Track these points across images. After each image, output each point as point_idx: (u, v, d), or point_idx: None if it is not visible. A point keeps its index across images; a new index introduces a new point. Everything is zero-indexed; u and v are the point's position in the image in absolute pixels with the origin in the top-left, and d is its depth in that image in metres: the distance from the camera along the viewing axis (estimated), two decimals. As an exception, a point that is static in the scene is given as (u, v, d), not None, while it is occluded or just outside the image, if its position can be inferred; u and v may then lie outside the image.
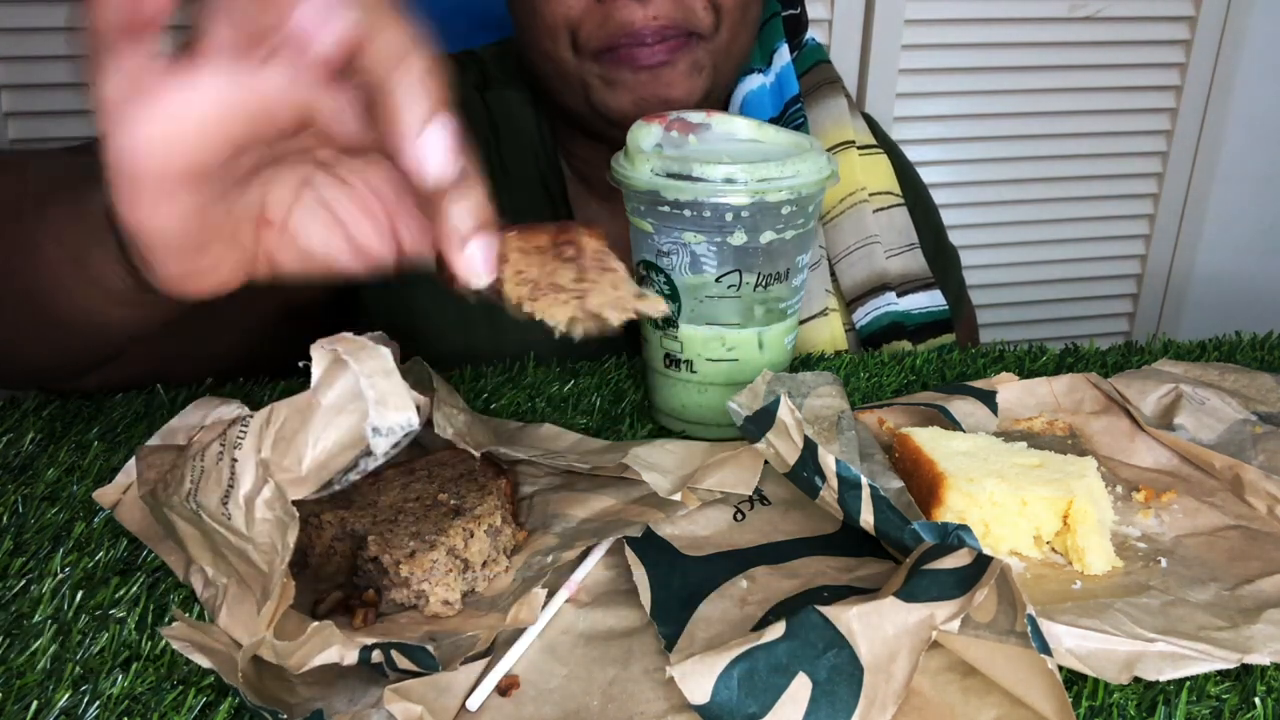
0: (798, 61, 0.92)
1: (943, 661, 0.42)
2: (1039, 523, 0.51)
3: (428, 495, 0.52)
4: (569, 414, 0.66)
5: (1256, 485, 0.55)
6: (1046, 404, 0.65)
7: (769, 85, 0.88)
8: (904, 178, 0.93)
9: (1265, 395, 0.64)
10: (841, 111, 0.91)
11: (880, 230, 0.88)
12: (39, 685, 0.43)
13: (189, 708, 0.42)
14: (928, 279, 0.89)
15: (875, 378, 0.72)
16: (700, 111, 0.65)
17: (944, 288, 0.90)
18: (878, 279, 0.86)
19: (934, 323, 0.87)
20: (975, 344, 1.00)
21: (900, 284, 0.87)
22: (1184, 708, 0.41)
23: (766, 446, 0.52)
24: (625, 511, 0.53)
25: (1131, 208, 1.64)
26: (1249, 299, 1.73)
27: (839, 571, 0.49)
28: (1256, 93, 1.60)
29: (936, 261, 0.92)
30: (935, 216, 0.99)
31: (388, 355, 0.43)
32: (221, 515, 0.43)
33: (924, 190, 0.99)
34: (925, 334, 0.87)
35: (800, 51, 0.93)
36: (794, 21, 0.92)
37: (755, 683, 0.38)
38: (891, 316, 0.85)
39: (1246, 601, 0.47)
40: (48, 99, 1.23)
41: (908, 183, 0.93)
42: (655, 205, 0.58)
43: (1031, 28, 1.49)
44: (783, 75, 0.88)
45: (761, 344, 0.62)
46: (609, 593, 0.48)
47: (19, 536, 0.53)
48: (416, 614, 0.47)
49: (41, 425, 0.64)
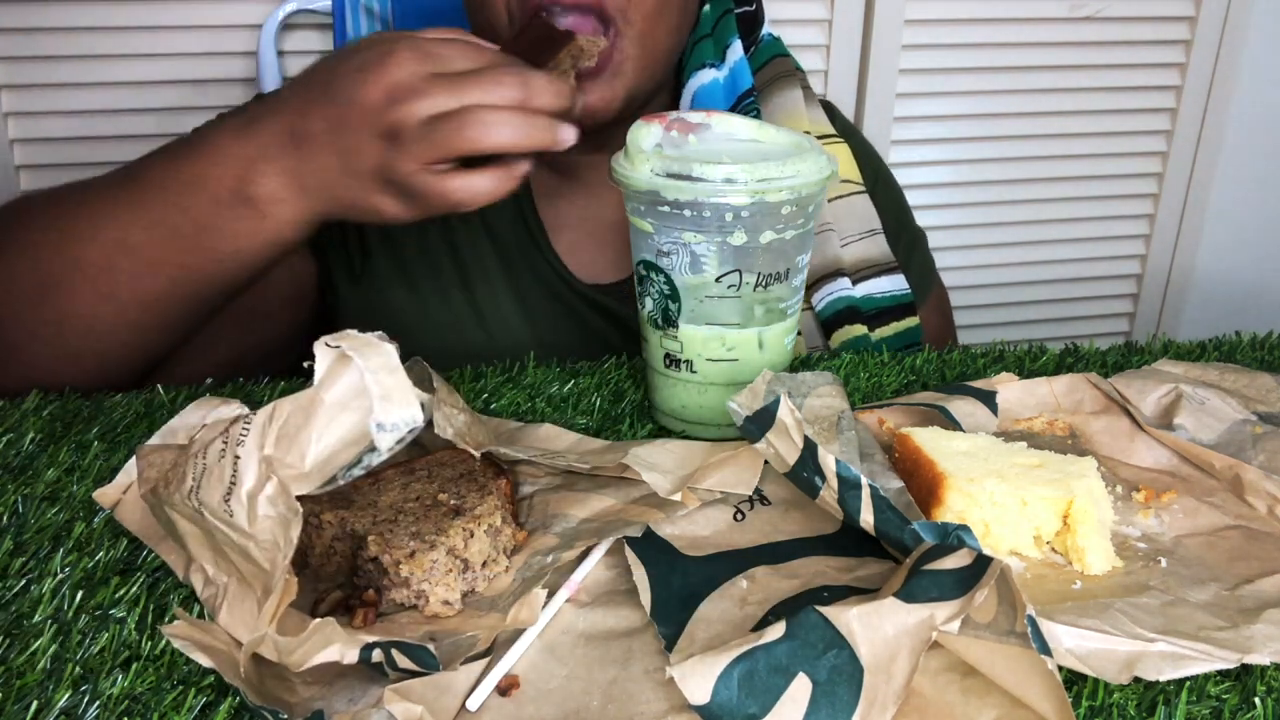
0: (754, 57, 0.95)
1: (943, 661, 0.42)
2: (1039, 523, 0.51)
3: (428, 495, 0.52)
4: (569, 414, 0.66)
5: (1256, 485, 0.55)
6: (1046, 404, 0.65)
7: (722, 80, 0.90)
8: (865, 163, 0.95)
9: (1265, 395, 0.64)
10: (796, 103, 0.93)
11: (837, 219, 0.91)
12: (39, 685, 0.43)
13: (189, 708, 0.42)
14: (890, 264, 0.91)
15: (875, 378, 0.72)
16: (700, 111, 0.65)
17: (907, 269, 0.93)
18: (831, 265, 0.89)
19: (896, 306, 0.90)
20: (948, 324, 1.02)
21: (857, 270, 0.90)
22: (1184, 708, 0.41)
23: (766, 446, 0.52)
24: (625, 511, 0.53)
25: (1131, 208, 1.64)
26: (1249, 299, 1.73)
27: (839, 571, 0.49)
28: (1256, 93, 1.60)
29: (900, 242, 0.95)
30: (898, 198, 1.01)
31: (392, 351, 0.44)
32: (224, 513, 0.43)
33: (885, 173, 1.01)
34: (887, 318, 0.90)
35: (756, 47, 0.96)
36: (748, 19, 0.95)
37: (755, 683, 0.38)
38: (846, 302, 0.88)
39: (1246, 601, 0.47)
40: (48, 99, 1.24)
41: (869, 168, 0.96)
42: (655, 205, 0.58)
43: (1031, 28, 1.49)
44: (736, 70, 0.91)
45: (761, 344, 0.62)
46: (609, 593, 0.48)
47: (19, 536, 0.53)
48: (416, 614, 0.47)
49: (41, 425, 0.64)
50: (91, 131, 1.25)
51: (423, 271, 0.85)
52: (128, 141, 1.25)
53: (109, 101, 1.24)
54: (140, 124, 1.25)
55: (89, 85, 1.24)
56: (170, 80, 1.24)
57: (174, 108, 1.25)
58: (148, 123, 1.26)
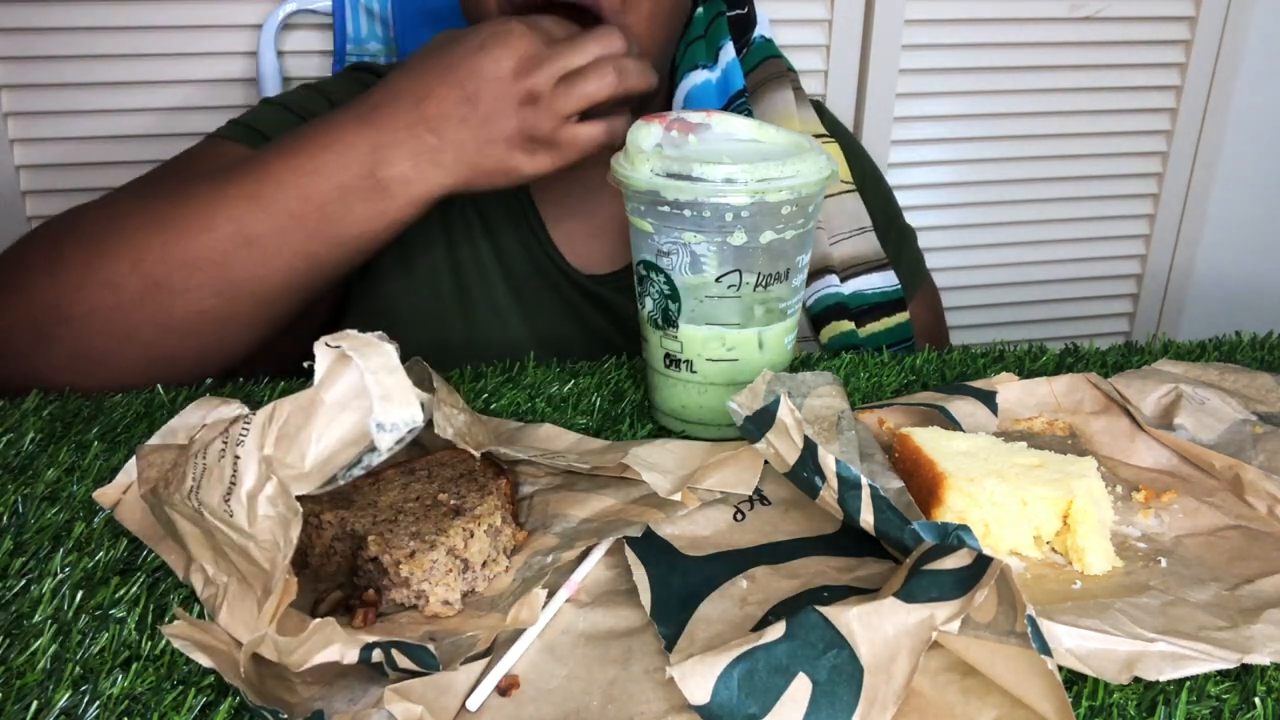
0: (746, 58, 0.97)
1: (943, 661, 0.42)
2: (1039, 523, 0.51)
3: (428, 495, 0.52)
4: (569, 414, 0.66)
5: (1256, 485, 0.55)
6: (1046, 404, 0.65)
7: (714, 80, 0.92)
8: (855, 163, 0.98)
9: (1265, 395, 0.64)
10: (787, 103, 0.95)
11: (828, 217, 0.93)
12: (39, 685, 0.43)
13: (189, 708, 0.42)
14: (880, 260, 0.94)
15: (875, 378, 0.72)
16: (700, 111, 0.65)
17: (897, 265, 0.95)
18: (820, 262, 0.92)
19: (887, 302, 0.93)
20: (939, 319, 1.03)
21: (847, 267, 0.93)
22: (1184, 708, 0.41)
23: (766, 446, 0.52)
24: (625, 511, 0.53)
25: (1131, 208, 1.64)
26: (1249, 299, 1.73)
27: (839, 571, 0.49)
28: (1256, 93, 1.60)
29: (889, 238, 0.97)
30: (887, 196, 1.03)
31: (392, 352, 0.44)
32: (223, 512, 0.43)
33: (874, 171, 1.03)
34: (877, 313, 0.92)
35: (749, 49, 0.98)
36: (740, 21, 0.97)
37: (755, 683, 0.38)
38: (834, 298, 0.91)
39: (1246, 601, 0.47)
40: (48, 99, 1.23)
41: (859, 167, 0.98)
42: (655, 205, 0.58)
43: (1031, 28, 1.49)
44: (728, 71, 0.93)
45: (761, 344, 0.62)
46: (609, 593, 0.48)
47: (19, 536, 0.53)
48: (416, 614, 0.47)
49: (41, 425, 0.64)
50: (91, 131, 1.25)
51: (419, 263, 0.85)
52: (128, 141, 1.25)
53: (109, 101, 1.24)
54: (140, 124, 1.25)
55: (89, 85, 1.23)
56: (170, 80, 1.24)
57: (174, 107, 1.25)
58: (148, 122, 1.25)
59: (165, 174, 0.80)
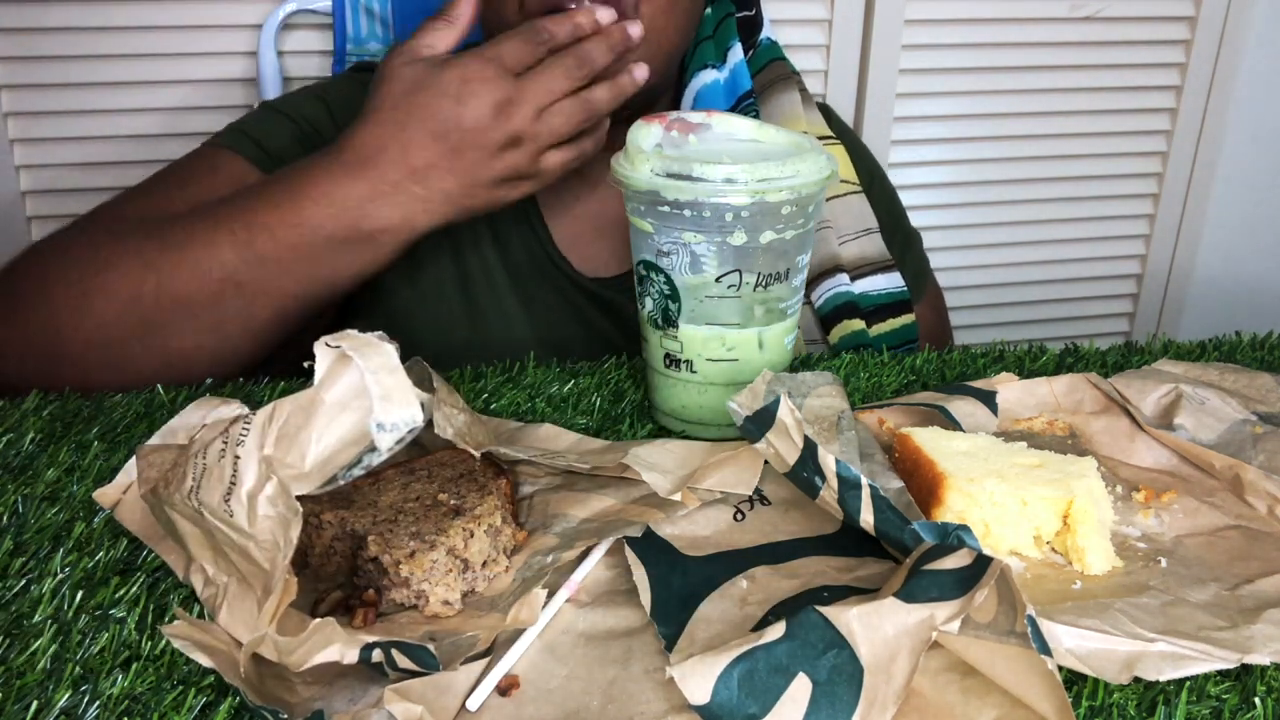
0: (753, 60, 0.98)
1: (943, 661, 0.42)
2: (1039, 523, 0.51)
3: (428, 495, 0.52)
4: (569, 414, 0.66)
5: (1256, 485, 0.55)
6: (1046, 404, 0.65)
7: (723, 81, 0.92)
8: (861, 165, 0.98)
9: (1265, 395, 0.64)
10: (794, 105, 0.96)
11: (835, 217, 0.93)
12: (39, 685, 0.43)
13: (189, 708, 0.42)
14: (886, 261, 0.94)
15: (875, 378, 0.72)
16: (700, 111, 0.65)
17: (902, 267, 0.95)
18: (830, 261, 0.92)
19: (893, 303, 0.93)
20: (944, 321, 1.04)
21: (855, 268, 0.93)
22: (1184, 708, 0.41)
23: (766, 446, 0.52)
24: (625, 511, 0.53)
25: (1131, 208, 1.64)
26: (1249, 299, 1.73)
27: (839, 571, 0.49)
28: (1256, 93, 1.60)
29: (894, 241, 0.97)
30: (892, 199, 1.03)
31: (392, 352, 0.44)
32: (224, 512, 0.43)
33: (880, 174, 1.03)
34: (884, 314, 0.92)
35: (755, 50, 0.99)
36: (748, 23, 0.98)
37: (755, 683, 0.38)
38: (845, 297, 0.90)
39: (1246, 601, 0.47)
40: (48, 99, 1.23)
41: (864, 169, 0.98)
42: (655, 205, 0.58)
43: (1031, 28, 1.49)
44: (736, 72, 0.93)
45: (761, 344, 0.62)
46: (609, 593, 0.48)
47: (19, 536, 0.53)
48: (416, 614, 0.47)
49: (41, 425, 0.64)
50: (91, 131, 1.25)
51: (423, 267, 0.85)
52: (127, 141, 1.25)
53: (109, 101, 1.24)
54: (140, 124, 1.25)
55: (89, 85, 1.23)
56: (170, 80, 1.24)
57: (174, 108, 1.25)
58: (148, 122, 1.25)
59: (158, 186, 0.80)
